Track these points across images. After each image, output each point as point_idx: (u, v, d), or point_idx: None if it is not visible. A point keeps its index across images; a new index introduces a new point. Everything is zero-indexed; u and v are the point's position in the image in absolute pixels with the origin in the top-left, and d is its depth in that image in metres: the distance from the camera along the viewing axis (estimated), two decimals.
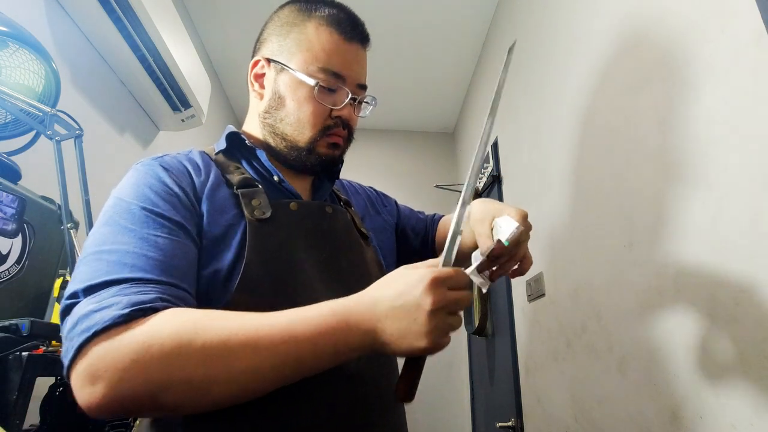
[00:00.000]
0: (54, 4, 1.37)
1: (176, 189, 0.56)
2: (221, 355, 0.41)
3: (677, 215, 0.86)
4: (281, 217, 0.60)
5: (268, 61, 0.68)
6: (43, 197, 0.92)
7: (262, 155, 0.68)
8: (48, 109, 0.91)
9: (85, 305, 0.43)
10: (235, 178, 0.62)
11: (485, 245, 0.64)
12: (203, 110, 1.98)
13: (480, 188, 2.29)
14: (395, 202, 0.93)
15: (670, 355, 0.85)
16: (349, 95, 0.66)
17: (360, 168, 2.91)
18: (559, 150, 1.41)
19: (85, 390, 0.40)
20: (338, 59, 0.65)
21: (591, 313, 1.17)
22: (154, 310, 0.43)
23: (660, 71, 0.93)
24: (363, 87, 0.69)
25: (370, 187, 0.93)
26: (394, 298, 0.43)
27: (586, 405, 1.17)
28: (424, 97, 2.91)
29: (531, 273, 1.61)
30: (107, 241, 0.48)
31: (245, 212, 0.58)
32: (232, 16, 2.30)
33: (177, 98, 1.84)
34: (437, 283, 0.43)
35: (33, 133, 0.99)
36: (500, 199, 2.03)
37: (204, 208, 0.57)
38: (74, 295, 0.45)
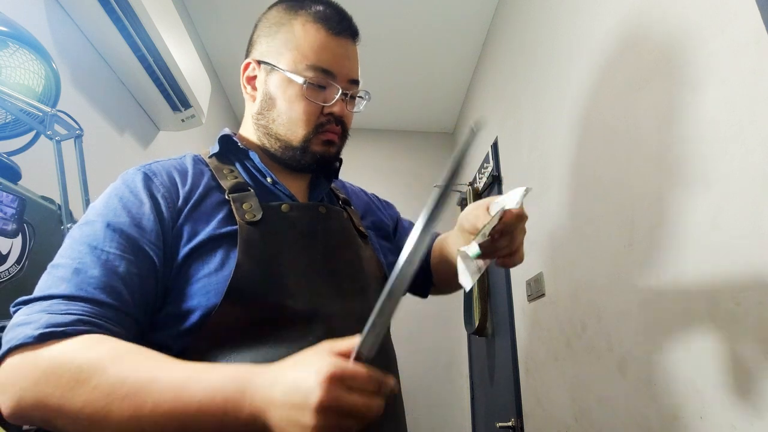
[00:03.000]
0: (54, 4, 1.37)
1: (149, 201, 0.55)
2: (105, 404, 0.39)
3: (677, 215, 0.86)
4: (272, 219, 0.60)
5: (258, 62, 0.69)
6: (43, 197, 0.92)
7: (255, 157, 0.68)
8: (48, 109, 0.91)
9: (17, 316, 0.45)
10: (227, 182, 0.63)
11: (487, 221, 0.57)
12: (203, 110, 1.98)
13: (480, 188, 2.29)
14: (398, 213, 0.92)
15: (670, 355, 0.85)
16: (340, 91, 0.65)
17: (360, 168, 2.91)
18: (559, 150, 1.41)
19: None
20: (326, 55, 0.64)
21: (591, 313, 1.17)
22: (65, 335, 0.43)
23: (660, 71, 0.93)
24: (355, 82, 0.68)
25: (374, 194, 0.92)
26: (289, 384, 0.38)
27: (586, 405, 1.17)
28: (424, 97, 2.91)
29: (531, 273, 1.61)
30: (63, 254, 0.51)
31: (236, 216, 0.58)
32: (232, 16, 2.31)
33: (177, 98, 1.85)
34: (333, 381, 0.36)
35: (33, 133, 0.99)
36: None
37: (187, 217, 0.57)
38: (17, 304, 0.47)
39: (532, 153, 1.67)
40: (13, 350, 0.42)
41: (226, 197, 0.60)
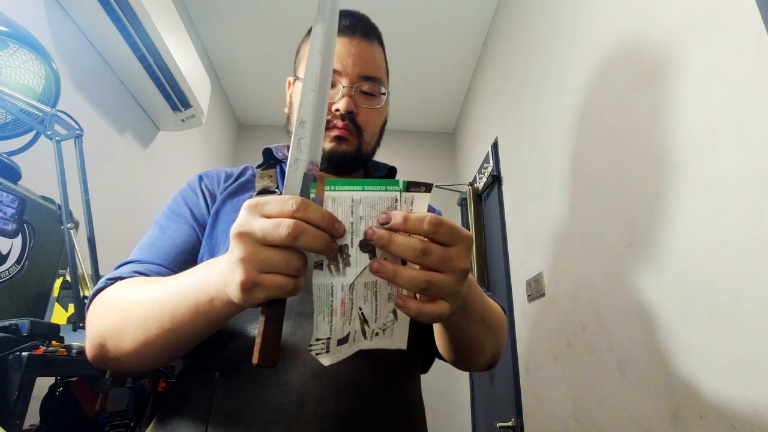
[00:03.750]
0: (54, 4, 1.37)
1: (198, 191, 0.69)
2: (124, 309, 0.49)
3: (677, 215, 0.86)
4: None
5: (293, 80, 0.75)
6: (43, 197, 0.92)
7: (285, 165, 0.72)
8: (48, 109, 0.91)
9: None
10: (260, 184, 0.69)
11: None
12: (203, 110, 1.98)
13: (480, 188, 2.29)
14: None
15: (670, 355, 0.85)
16: (342, 87, 0.67)
17: None
18: (559, 150, 1.41)
19: None
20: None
21: (591, 313, 1.17)
22: (114, 280, 0.55)
23: (660, 71, 0.93)
24: (367, 78, 0.69)
25: (438, 210, 0.85)
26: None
27: (586, 405, 1.17)
28: (424, 97, 2.91)
29: (531, 273, 1.61)
30: (145, 233, 0.65)
31: None
32: (232, 16, 2.30)
33: (177, 98, 1.85)
34: (248, 208, 0.36)
35: (33, 133, 0.99)
36: (500, 199, 2.03)
37: (220, 205, 0.67)
38: (118, 266, 0.60)
39: (532, 153, 1.67)
40: (94, 295, 0.55)
41: (254, 197, 0.65)
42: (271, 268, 0.35)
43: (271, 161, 0.75)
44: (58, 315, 0.96)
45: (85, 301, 0.85)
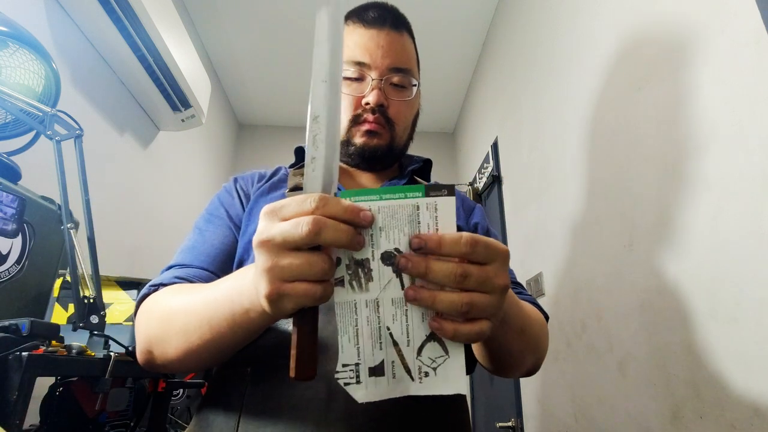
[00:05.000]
0: (54, 4, 1.37)
1: (234, 192, 0.70)
2: (168, 317, 0.51)
3: (677, 215, 0.86)
4: None
5: None
6: (43, 197, 0.92)
7: None
8: (48, 109, 0.91)
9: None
10: (292, 182, 0.69)
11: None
12: (203, 110, 1.98)
13: (480, 188, 2.29)
14: (481, 220, 0.79)
15: (670, 355, 0.85)
16: (370, 79, 0.66)
17: None
18: (559, 150, 1.41)
19: None
20: (359, 48, 0.67)
21: (591, 313, 1.17)
22: (158, 286, 0.57)
23: (660, 71, 0.93)
24: (397, 70, 0.68)
25: (479, 205, 0.83)
26: None
27: (586, 405, 1.17)
28: (424, 97, 2.90)
29: (531, 273, 1.61)
30: (186, 237, 0.67)
31: None
32: (232, 16, 2.30)
33: (177, 98, 1.85)
34: (265, 215, 0.35)
35: (33, 133, 0.99)
36: (500, 199, 2.03)
37: (254, 203, 0.67)
38: (164, 270, 0.62)
39: (532, 153, 1.67)
40: (140, 302, 0.57)
41: (285, 194, 0.67)
42: (295, 276, 0.33)
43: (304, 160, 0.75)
44: (58, 315, 0.96)
45: (85, 301, 0.85)
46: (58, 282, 0.94)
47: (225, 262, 0.62)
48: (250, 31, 2.39)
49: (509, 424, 1.69)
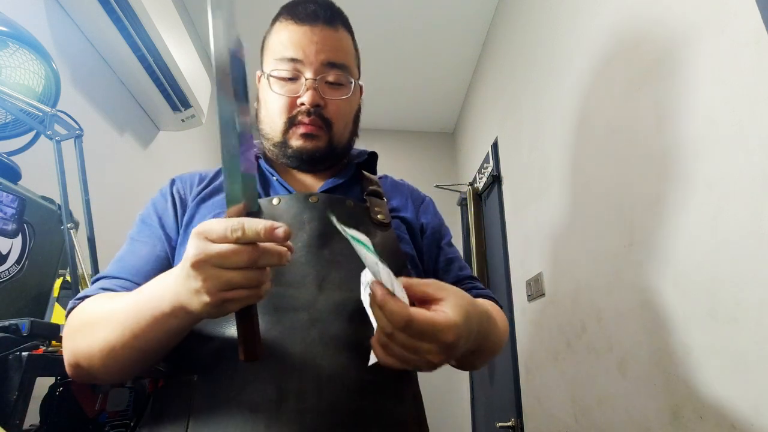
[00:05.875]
0: (54, 4, 1.37)
1: (169, 196, 0.67)
2: (91, 329, 0.51)
3: (677, 215, 0.86)
4: (264, 212, 0.62)
5: (260, 74, 0.71)
6: (43, 197, 0.92)
7: (261, 162, 0.70)
8: (48, 109, 0.91)
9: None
10: None
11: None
12: (203, 110, 1.98)
13: (480, 188, 2.29)
14: (442, 228, 0.79)
15: (670, 355, 0.85)
16: (305, 78, 0.63)
17: None
18: (559, 150, 1.41)
19: None
20: (290, 45, 0.64)
21: (591, 313, 1.17)
22: (83, 299, 0.57)
23: (660, 71, 0.93)
24: (333, 65, 0.65)
25: (420, 197, 0.82)
26: (179, 266, 0.43)
27: (586, 405, 1.17)
28: (424, 97, 2.91)
29: (531, 273, 1.61)
30: (121, 246, 0.66)
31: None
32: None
33: (177, 98, 1.85)
34: (195, 236, 0.39)
35: (33, 133, 0.99)
36: (500, 199, 2.03)
37: (193, 209, 0.65)
38: (94, 281, 0.61)
39: (532, 153, 1.67)
40: (66, 316, 0.57)
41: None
42: (237, 286, 0.38)
43: None
44: (58, 315, 0.96)
45: None
46: (58, 282, 0.94)
47: (153, 273, 0.60)
48: (250, 31, 2.38)
49: (509, 424, 1.69)
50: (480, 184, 2.29)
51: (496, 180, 2.07)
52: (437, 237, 0.75)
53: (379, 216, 0.67)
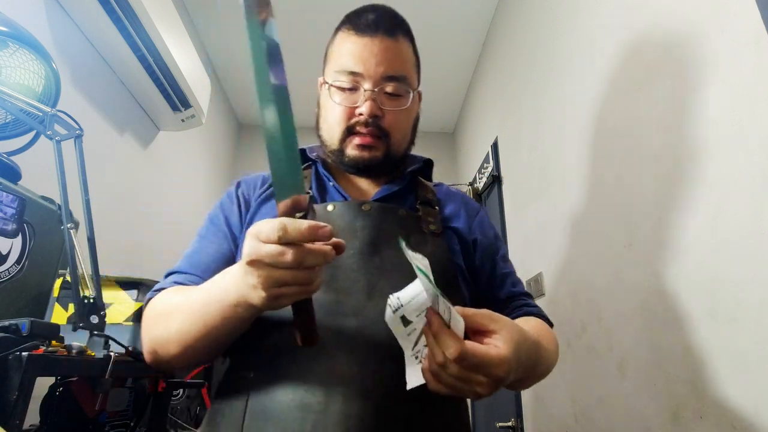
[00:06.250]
0: (54, 4, 1.37)
1: (235, 197, 0.71)
2: (166, 318, 0.56)
3: (677, 215, 0.86)
4: (317, 218, 0.64)
5: (322, 80, 0.73)
6: (43, 197, 0.92)
7: (318, 165, 0.73)
8: (48, 109, 0.91)
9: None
10: None
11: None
12: (203, 110, 1.98)
13: (480, 188, 2.29)
14: (497, 242, 0.77)
15: (670, 355, 0.85)
16: (363, 90, 0.65)
17: None
18: (559, 150, 1.41)
19: None
20: (351, 57, 0.65)
21: (591, 313, 1.17)
22: (159, 291, 0.62)
23: (660, 71, 0.93)
24: (393, 78, 0.66)
25: (483, 209, 0.82)
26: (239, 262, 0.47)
27: (586, 405, 1.17)
28: (424, 97, 2.90)
29: (531, 273, 1.61)
30: (191, 241, 0.71)
31: None
32: (232, 17, 2.30)
33: (177, 98, 1.85)
34: (249, 237, 0.42)
35: (33, 133, 0.99)
36: (500, 199, 2.03)
37: (255, 210, 0.68)
38: (167, 275, 0.67)
39: (532, 153, 1.67)
40: (144, 306, 0.62)
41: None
42: (288, 283, 0.41)
43: (308, 162, 0.74)
44: (58, 315, 0.96)
45: (85, 301, 0.85)
46: (58, 282, 0.94)
47: (218, 269, 0.63)
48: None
49: (509, 424, 1.69)
50: (480, 184, 2.29)
51: (496, 180, 2.07)
52: (491, 250, 0.74)
53: (431, 226, 0.68)
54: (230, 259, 0.66)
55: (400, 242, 0.43)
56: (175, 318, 0.55)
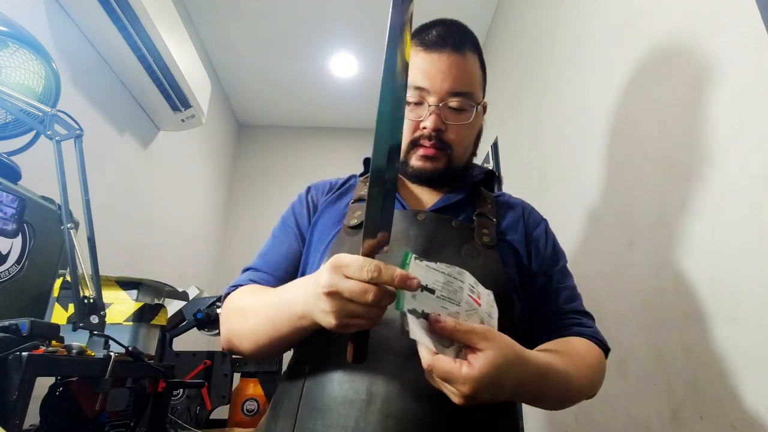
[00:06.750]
0: (54, 4, 1.37)
1: (305, 201, 0.78)
2: (243, 315, 0.64)
3: (677, 215, 0.86)
4: None
5: None
6: (43, 197, 0.92)
7: None
8: (48, 109, 0.91)
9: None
10: (357, 193, 0.74)
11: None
12: (203, 110, 1.98)
13: None
14: (556, 255, 0.77)
15: (670, 355, 0.85)
16: (428, 105, 0.67)
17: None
18: (559, 150, 1.41)
19: None
20: (419, 72, 0.68)
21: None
22: (237, 287, 0.70)
23: (660, 71, 0.93)
24: (457, 94, 0.68)
25: (545, 221, 0.82)
26: (311, 279, 0.52)
27: (586, 405, 1.16)
28: None
29: None
30: (265, 241, 0.78)
31: (344, 220, 0.70)
32: (232, 16, 2.30)
33: (177, 98, 1.85)
34: (332, 268, 0.45)
35: (33, 133, 0.99)
36: None
37: (321, 212, 0.74)
38: (244, 270, 0.75)
39: (532, 153, 1.67)
40: (224, 298, 0.71)
41: (351, 203, 0.73)
42: (357, 317, 0.45)
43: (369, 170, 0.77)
44: (58, 315, 0.96)
45: (85, 301, 0.85)
46: (58, 282, 0.94)
47: (290, 268, 0.72)
48: (250, 31, 2.39)
49: None
50: None
51: (496, 180, 2.07)
52: (547, 265, 0.73)
53: (484, 238, 0.68)
54: (298, 256, 0.73)
55: (406, 255, 0.46)
56: (251, 316, 0.62)
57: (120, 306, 1.05)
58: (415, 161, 0.70)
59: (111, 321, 1.00)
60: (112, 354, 0.81)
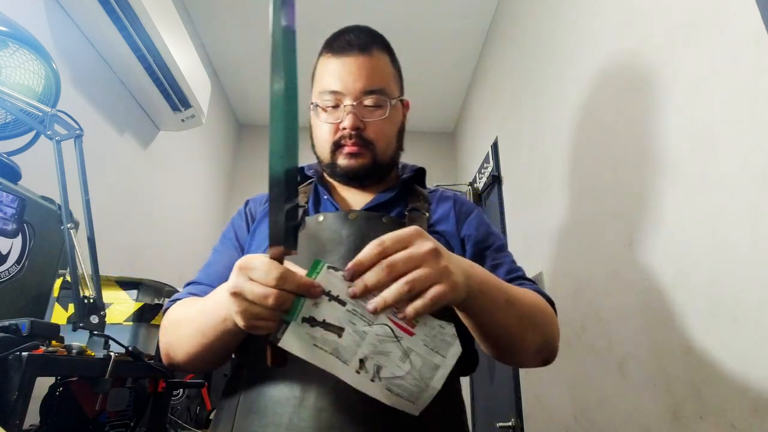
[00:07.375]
0: (54, 4, 1.37)
1: (244, 214, 0.79)
2: (176, 327, 0.64)
3: (677, 215, 0.86)
4: (308, 228, 0.69)
5: (310, 105, 0.78)
6: (43, 197, 0.92)
7: (315, 180, 0.79)
8: (48, 109, 0.91)
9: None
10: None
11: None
12: (203, 110, 1.98)
13: (480, 188, 2.29)
14: (489, 237, 0.77)
15: (670, 355, 0.85)
16: (343, 106, 0.70)
17: None
18: (559, 150, 1.41)
19: None
20: (332, 77, 0.71)
21: (591, 313, 1.17)
22: (175, 301, 0.69)
23: (660, 71, 0.93)
24: (370, 92, 0.71)
25: (477, 209, 0.82)
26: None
27: (586, 405, 1.17)
28: (424, 97, 2.91)
29: (531, 273, 1.61)
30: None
31: None
32: (232, 16, 2.30)
33: (177, 98, 1.85)
34: (238, 270, 0.46)
35: (33, 133, 0.99)
36: (500, 199, 2.03)
37: (258, 224, 0.76)
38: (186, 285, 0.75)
39: (532, 153, 1.67)
40: (164, 313, 0.70)
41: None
42: (264, 318, 0.45)
43: (308, 178, 0.80)
44: (58, 315, 0.96)
45: (85, 301, 0.85)
46: (58, 282, 0.94)
47: (223, 274, 0.71)
48: (250, 31, 2.39)
49: (509, 424, 1.69)
50: (480, 184, 2.29)
51: (496, 180, 2.07)
52: (481, 247, 0.75)
53: None
54: None
55: (317, 263, 0.45)
56: (183, 327, 0.62)
57: (120, 306, 1.05)
58: (341, 160, 0.72)
59: (111, 321, 1.00)
60: (112, 354, 0.81)
